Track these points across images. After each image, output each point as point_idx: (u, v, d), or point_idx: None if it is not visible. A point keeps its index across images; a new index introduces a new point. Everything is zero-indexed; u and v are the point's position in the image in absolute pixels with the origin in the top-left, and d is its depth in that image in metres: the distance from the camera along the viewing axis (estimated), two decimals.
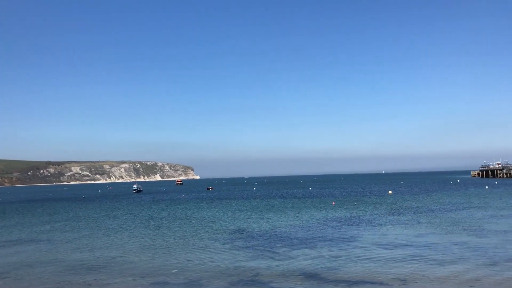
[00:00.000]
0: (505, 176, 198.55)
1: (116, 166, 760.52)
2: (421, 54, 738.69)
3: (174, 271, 25.94)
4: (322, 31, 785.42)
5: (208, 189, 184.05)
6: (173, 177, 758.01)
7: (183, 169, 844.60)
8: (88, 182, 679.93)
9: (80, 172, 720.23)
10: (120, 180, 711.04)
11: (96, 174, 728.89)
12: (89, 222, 59.38)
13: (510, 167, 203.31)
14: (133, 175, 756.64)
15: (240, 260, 28.47)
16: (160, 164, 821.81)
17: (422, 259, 27.15)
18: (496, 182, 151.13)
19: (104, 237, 42.95)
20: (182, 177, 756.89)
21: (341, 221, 49.64)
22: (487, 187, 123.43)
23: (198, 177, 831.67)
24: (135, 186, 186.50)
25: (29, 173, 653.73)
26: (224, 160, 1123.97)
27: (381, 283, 21.73)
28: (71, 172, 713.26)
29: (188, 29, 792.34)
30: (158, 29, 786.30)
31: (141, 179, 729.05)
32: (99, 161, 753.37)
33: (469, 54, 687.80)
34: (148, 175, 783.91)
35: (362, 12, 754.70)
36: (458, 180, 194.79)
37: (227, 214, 63.36)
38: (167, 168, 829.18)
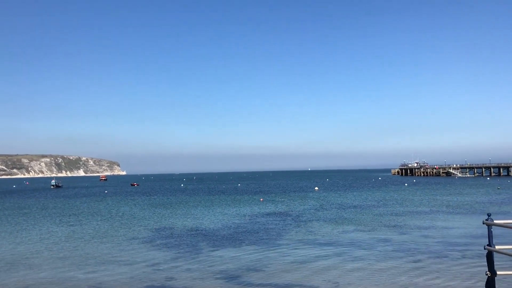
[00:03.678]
0: (422, 174, 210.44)
1: (36, 160, 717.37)
2: (350, 56, 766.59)
3: (80, 275, 23.04)
4: (265, 27, 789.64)
5: (133, 185, 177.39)
6: (98, 172, 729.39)
7: (108, 164, 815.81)
8: (4, 177, 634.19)
9: None
10: (40, 175, 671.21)
11: (13, 168, 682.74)
12: None
13: (427, 166, 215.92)
14: (55, 170, 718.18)
15: (156, 262, 26.08)
16: (84, 159, 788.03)
17: (348, 257, 26.41)
18: (414, 180, 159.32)
19: (8, 237, 38.47)
20: (108, 173, 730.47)
21: (268, 218, 48.63)
22: (406, 184, 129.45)
23: (124, 173, 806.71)
24: (53, 181, 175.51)
25: None
26: (152, 156, 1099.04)
27: (311, 286, 20.47)
28: None
29: (120, 19, 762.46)
30: (81, 14, 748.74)
31: (63, 174, 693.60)
32: (16, 155, 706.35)
33: (394, 57, 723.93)
34: (71, 170, 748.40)
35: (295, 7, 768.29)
36: (380, 178, 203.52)
37: (149, 211, 60.24)
38: (91, 163, 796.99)
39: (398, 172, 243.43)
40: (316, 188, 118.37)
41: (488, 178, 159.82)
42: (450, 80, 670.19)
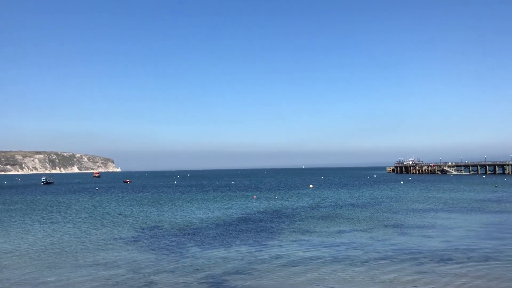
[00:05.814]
0: (417, 172, 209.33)
1: (30, 157, 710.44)
2: (343, 55, 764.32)
3: (49, 278, 20.95)
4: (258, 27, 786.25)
5: (125, 181, 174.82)
6: (92, 169, 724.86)
7: (102, 161, 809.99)
8: None
9: None
10: (34, 172, 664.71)
11: (6, 164, 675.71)
12: None
13: (422, 164, 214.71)
14: (49, 166, 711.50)
15: (138, 264, 23.97)
16: (78, 155, 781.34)
17: (345, 259, 24.41)
18: (410, 178, 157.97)
19: None
20: (102, 170, 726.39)
21: (261, 216, 46.61)
22: (401, 182, 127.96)
23: (118, 170, 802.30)
24: (44, 178, 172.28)
25: None
26: (147, 153, 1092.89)
27: None
28: None
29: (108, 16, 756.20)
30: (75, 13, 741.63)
31: (57, 171, 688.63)
32: (10, 151, 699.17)
33: (388, 55, 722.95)
34: (65, 167, 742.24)
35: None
36: (375, 176, 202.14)
37: (137, 208, 58.01)
38: (86, 159, 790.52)
39: (393, 170, 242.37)
40: (311, 185, 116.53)
41: (483, 176, 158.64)
42: (445, 78, 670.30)
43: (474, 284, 19.23)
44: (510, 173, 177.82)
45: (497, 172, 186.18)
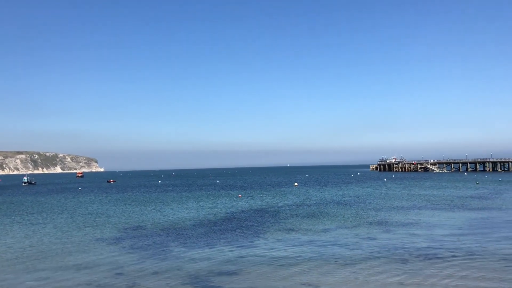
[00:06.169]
0: (400, 169, 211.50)
1: (11, 157, 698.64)
2: (326, 55, 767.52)
3: (28, 282, 20.37)
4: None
5: (109, 181, 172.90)
6: (75, 169, 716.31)
7: (86, 161, 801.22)
8: None
9: None
10: (16, 172, 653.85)
11: None
12: None
13: (405, 162, 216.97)
14: (31, 166, 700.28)
15: (120, 265, 23.49)
16: (60, 155, 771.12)
17: (331, 257, 24.31)
18: (393, 176, 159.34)
19: None
20: (85, 170, 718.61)
21: (246, 215, 46.36)
22: (385, 179, 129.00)
23: (102, 170, 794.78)
24: (25, 178, 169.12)
25: None
26: (131, 153, 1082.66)
27: None
28: None
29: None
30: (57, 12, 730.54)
31: (40, 171, 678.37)
32: None
33: (370, 54, 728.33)
34: (48, 167, 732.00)
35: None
36: (358, 173, 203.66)
37: (120, 208, 57.23)
38: (69, 159, 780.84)
39: (376, 167, 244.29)
40: (296, 183, 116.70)
41: (465, 173, 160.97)
42: (427, 77, 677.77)
43: (459, 279, 19.26)
44: (491, 170, 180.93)
45: (478, 170, 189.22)
